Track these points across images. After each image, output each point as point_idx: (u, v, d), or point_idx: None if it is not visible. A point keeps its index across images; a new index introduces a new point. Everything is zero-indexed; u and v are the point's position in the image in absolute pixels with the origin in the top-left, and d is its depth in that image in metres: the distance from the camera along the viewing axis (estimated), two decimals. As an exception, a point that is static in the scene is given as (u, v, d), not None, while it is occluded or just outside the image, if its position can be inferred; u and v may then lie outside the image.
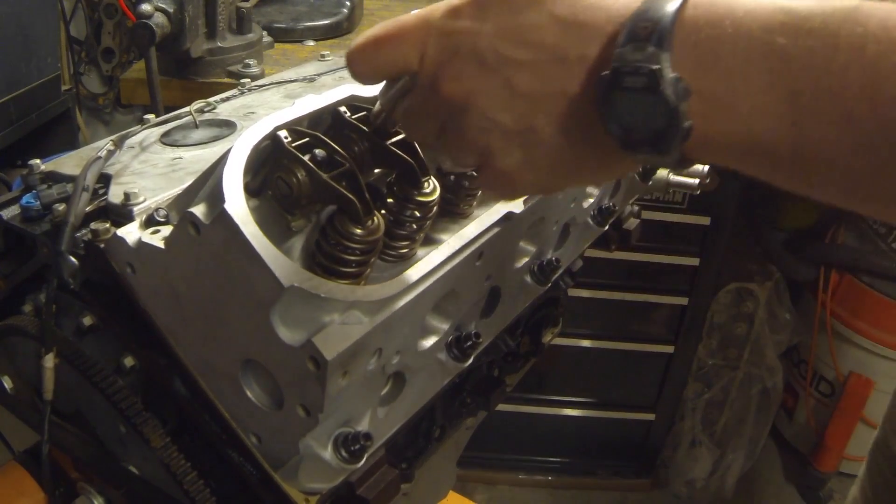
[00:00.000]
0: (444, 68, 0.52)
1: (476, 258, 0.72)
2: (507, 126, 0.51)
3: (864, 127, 0.40)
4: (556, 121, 0.49)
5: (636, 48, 0.44)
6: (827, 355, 2.65)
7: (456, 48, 0.51)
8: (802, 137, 0.42)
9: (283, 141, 0.58)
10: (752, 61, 0.43)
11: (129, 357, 0.71)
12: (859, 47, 0.40)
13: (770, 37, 0.42)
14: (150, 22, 1.37)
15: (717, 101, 0.44)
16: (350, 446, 0.61)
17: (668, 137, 0.45)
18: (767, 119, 0.43)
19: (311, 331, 0.54)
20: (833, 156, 0.42)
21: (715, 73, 0.44)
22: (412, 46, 0.53)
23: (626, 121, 0.46)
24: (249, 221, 0.53)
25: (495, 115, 0.51)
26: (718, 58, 0.44)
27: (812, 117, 0.42)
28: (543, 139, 0.50)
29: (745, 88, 0.43)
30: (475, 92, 0.51)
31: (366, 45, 0.55)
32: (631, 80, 0.44)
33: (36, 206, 0.75)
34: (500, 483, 2.72)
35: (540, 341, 1.07)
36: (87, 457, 0.79)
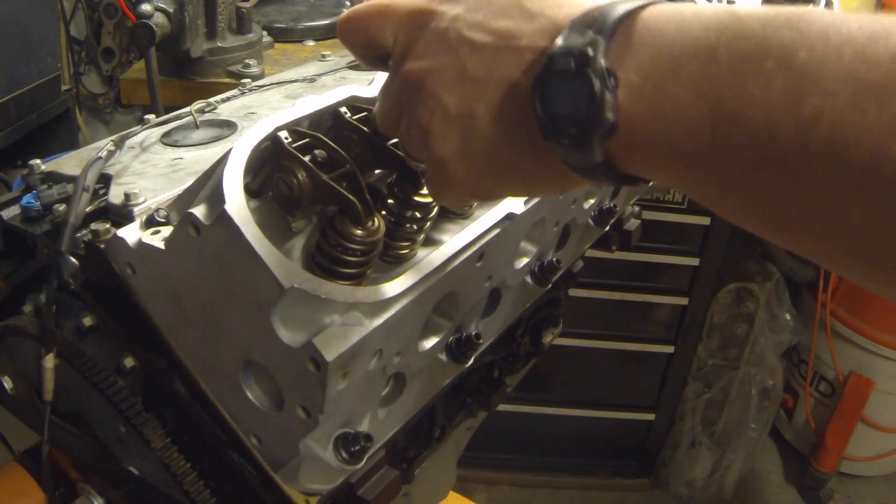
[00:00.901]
0: (411, 47, 0.52)
1: (477, 259, 0.72)
2: (449, 109, 0.50)
3: (783, 141, 0.37)
4: (494, 108, 0.48)
5: (576, 32, 0.44)
6: (827, 355, 2.65)
7: (424, 27, 0.52)
8: (721, 147, 0.39)
9: (283, 142, 0.58)
10: (684, 61, 0.41)
11: (130, 357, 0.71)
12: (790, 52, 0.37)
13: (707, 36, 0.40)
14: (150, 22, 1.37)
15: (643, 97, 0.42)
16: (350, 447, 0.61)
17: (587, 127, 0.43)
18: (689, 124, 0.40)
19: (312, 332, 0.54)
20: (750, 175, 0.39)
21: (648, 69, 0.42)
22: (391, 22, 0.54)
23: (551, 105, 0.44)
24: (250, 222, 0.53)
25: (441, 95, 0.50)
26: (655, 54, 0.42)
27: (731, 125, 0.38)
28: (480, 127, 0.49)
29: (672, 88, 0.41)
30: (430, 71, 0.51)
31: (351, 17, 0.57)
32: (562, 62, 0.43)
33: (36, 207, 0.75)
34: (501, 483, 2.72)
35: (540, 342, 1.06)
36: (87, 457, 0.79)
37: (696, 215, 2.22)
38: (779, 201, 0.38)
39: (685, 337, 2.48)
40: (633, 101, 0.42)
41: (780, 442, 2.95)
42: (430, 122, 0.51)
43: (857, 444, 2.67)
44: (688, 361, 2.56)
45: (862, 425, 2.64)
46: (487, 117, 0.49)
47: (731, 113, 0.38)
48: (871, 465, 2.80)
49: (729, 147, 0.39)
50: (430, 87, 0.50)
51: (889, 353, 2.53)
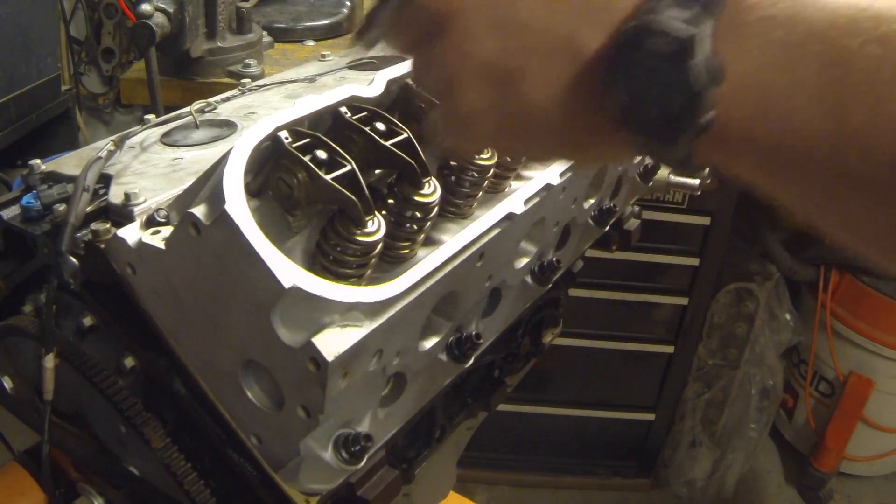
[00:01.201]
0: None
1: (477, 259, 0.72)
2: (489, 57, 0.40)
3: None
4: (551, 69, 0.39)
5: (678, 3, 0.35)
6: (827, 355, 2.65)
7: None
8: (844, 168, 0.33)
9: (283, 141, 0.58)
10: (804, 57, 0.34)
11: (130, 357, 0.71)
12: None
13: (834, 33, 0.33)
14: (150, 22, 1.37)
15: (749, 96, 0.35)
16: (350, 447, 0.61)
17: (679, 127, 0.36)
18: (805, 134, 0.34)
19: (312, 332, 0.54)
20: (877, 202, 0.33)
21: (758, 60, 0.35)
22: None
23: (637, 92, 0.36)
24: (250, 222, 0.53)
25: (479, 36, 0.40)
26: (767, 43, 0.35)
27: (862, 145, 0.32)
28: (526, 89, 0.40)
29: (789, 90, 0.34)
30: (463, 6, 0.40)
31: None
32: (659, 41, 0.35)
33: (36, 207, 0.75)
34: (501, 483, 2.72)
35: (540, 342, 1.07)
36: (87, 457, 0.79)
37: (696, 215, 2.22)
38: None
39: (685, 337, 2.48)
40: (737, 97, 0.35)
41: (780, 442, 2.95)
42: (460, 67, 0.41)
43: (857, 444, 2.67)
44: (688, 361, 2.56)
45: (862, 425, 2.64)
46: (540, 79, 0.39)
47: (860, 131, 0.32)
48: (871, 465, 2.80)
49: (852, 169, 0.33)
50: (465, 23, 0.40)
51: (889, 353, 2.53)
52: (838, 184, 0.34)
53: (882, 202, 0.33)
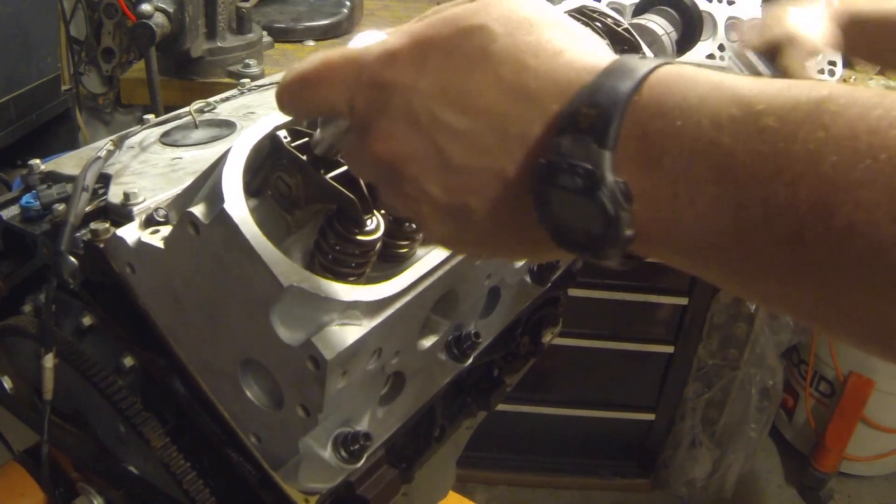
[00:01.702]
0: (374, 124, 0.46)
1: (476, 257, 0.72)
2: (438, 200, 0.45)
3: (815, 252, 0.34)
4: (488, 202, 0.43)
5: (575, 141, 0.38)
6: (827, 355, 2.65)
7: (387, 103, 0.45)
8: (749, 255, 0.36)
9: (282, 141, 0.58)
10: (697, 164, 0.37)
11: (129, 357, 0.71)
12: (817, 158, 0.33)
13: (718, 135, 0.36)
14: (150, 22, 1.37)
15: (659, 205, 0.38)
16: (350, 446, 0.61)
17: (605, 244, 0.39)
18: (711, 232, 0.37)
19: (311, 330, 0.54)
20: (784, 279, 0.36)
21: (658, 173, 0.38)
22: (340, 92, 0.47)
23: (560, 220, 0.40)
24: (249, 221, 0.53)
25: (426, 184, 0.45)
26: (662, 155, 0.37)
27: (756, 232, 0.35)
28: (475, 219, 0.44)
29: (688, 194, 0.37)
30: (406, 157, 0.45)
31: (292, 84, 0.50)
32: (566, 178, 0.38)
33: (36, 207, 0.75)
34: (501, 483, 2.72)
35: (540, 341, 1.06)
36: (86, 457, 0.79)
37: (695, 215, 2.22)
38: (814, 304, 0.36)
39: (685, 337, 2.48)
40: (649, 211, 0.38)
41: (780, 442, 2.95)
42: (419, 208, 0.46)
43: (857, 444, 2.67)
44: (688, 361, 2.56)
45: (862, 425, 2.64)
46: (482, 211, 0.44)
47: (754, 221, 0.35)
48: (871, 465, 2.80)
49: (757, 255, 0.36)
50: (409, 173, 0.45)
51: (889, 353, 2.53)
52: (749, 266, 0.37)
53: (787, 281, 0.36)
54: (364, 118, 0.47)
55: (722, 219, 0.36)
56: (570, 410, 2.60)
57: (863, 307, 0.34)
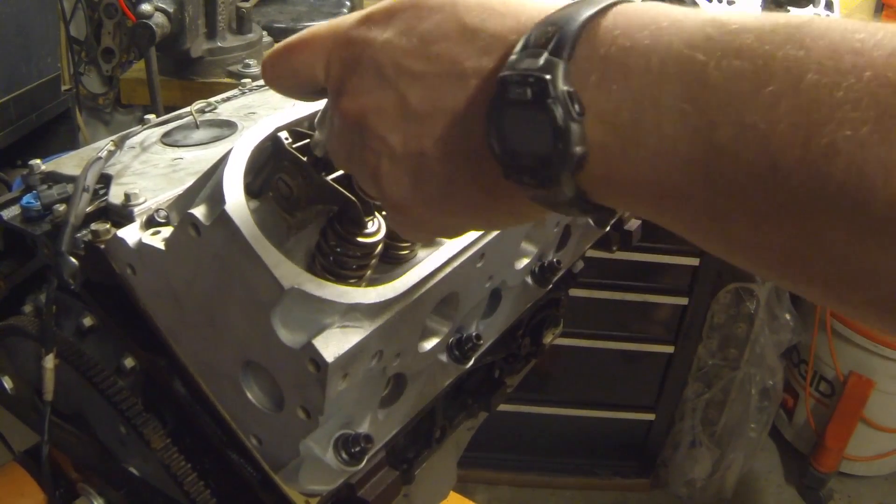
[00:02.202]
0: (345, 82, 0.46)
1: (477, 259, 0.72)
2: (396, 149, 0.44)
3: (791, 179, 0.31)
4: (444, 144, 0.42)
5: (530, 55, 0.37)
6: (827, 355, 2.65)
7: (357, 60, 0.45)
8: (717, 187, 0.33)
9: (283, 142, 0.58)
10: (665, 82, 0.34)
11: (130, 358, 0.71)
12: (797, 75, 0.31)
13: (691, 52, 0.34)
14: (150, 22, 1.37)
15: (619, 127, 0.35)
16: (350, 448, 0.61)
17: (553, 165, 0.37)
18: (677, 157, 0.34)
19: (312, 333, 0.54)
20: (752, 217, 0.33)
21: (620, 93, 0.35)
22: (319, 56, 0.48)
23: (509, 142, 0.38)
24: (250, 223, 0.53)
25: (385, 134, 0.44)
26: (627, 74, 0.35)
27: (728, 161, 0.32)
28: (431, 166, 0.43)
29: (654, 116, 0.34)
30: (369, 109, 0.44)
31: (277, 53, 0.51)
32: (517, 90, 0.37)
33: (36, 207, 0.75)
34: (501, 483, 2.72)
35: (541, 342, 1.06)
36: (87, 457, 0.79)
37: (696, 215, 2.22)
38: (787, 247, 0.33)
39: (685, 337, 2.48)
40: (606, 130, 0.36)
41: (780, 442, 2.95)
42: (379, 163, 0.45)
43: (857, 444, 2.67)
44: (688, 361, 2.56)
45: (862, 425, 2.64)
46: (438, 155, 0.42)
47: (727, 146, 0.32)
48: (871, 465, 2.80)
49: (726, 186, 0.33)
50: (373, 126, 0.44)
51: (889, 353, 2.53)
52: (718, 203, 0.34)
53: (760, 218, 0.33)
54: (338, 80, 0.47)
55: (690, 144, 0.33)
56: (570, 410, 2.60)
57: (840, 247, 0.31)
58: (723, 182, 0.33)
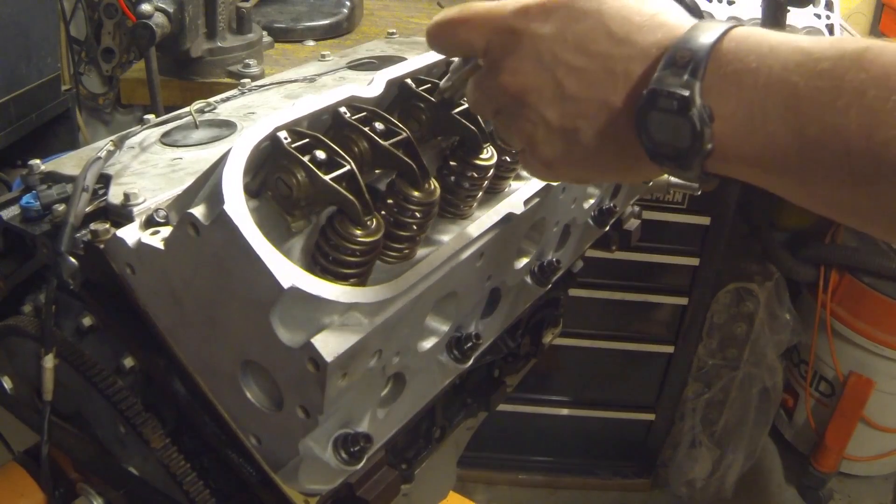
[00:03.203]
0: (505, 60, 0.58)
1: (476, 259, 0.72)
2: (553, 122, 0.56)
3: (861, 161, 0.45)
4: (596, 125, 0.55)
5: (674, 73, 0.50)
6: (827, 355, 2.65)
7: (518, 45, 0.57)
8: (808, 164, 0.47)
9: (282, 142, 0.58)
10: (770, 95, 0.48)
11: (129, 358, 0.71)
12: (861, 91, 0.44)
13: (787, 74, 0.47)
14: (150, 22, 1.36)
15: (736, 125, 0.49)
16: (350, 447, 0.61)
17: (690, 155, 0.50)
18: (778, 146, 0.48)
19: (311, 332, 0.54)
20: (834, 183, 0.47)
21: (737, 101, 0.49)
22: (480, 35, 0.60)
23: (656, 137, 0.51)
24: (249, 222, 0.53)
25: (544, 110, 0.56)
26: (741, 88, 0.49)
27: (816, 148, 0.46)
28: (583, 139, 0.56)
29: (762, 118, 0.48)
30: (529, 87, 0.57)
31: (442, 24, 0.62)
32: (665, 101, 0.50)
33: (36, 207, 0.75)
34: (501, 483, 2.72)
35: (540, 342, 1.06)
36: (86, 457, 0.79)
37: (696, 215, 2.22)
38: (859, 205, 0.47)
39: (685, 337, 2.48)
40: (727, 130, 0.49)
41: (780, 442, 2.95)
42: (535, 131, 0.58)
43: (857, 444, 2.67)
44: (688, 361, 2.56)
45: (862, 425, 2.63)
46: (590, 132, 0.55)
47: (814, 139, 0.46)
48: (871, 465, 2.80)
49: (814, 165, 0.47)
50: (532, 102, 0.57)
51: (889, 353, 2.53)
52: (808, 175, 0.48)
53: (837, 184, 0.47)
54: (497, 56, 0.59)
55: (787, 138, 0.47)
56: (570, 410, 2.60)
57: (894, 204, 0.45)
58: (811, 162, 0.47)
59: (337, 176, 0.58)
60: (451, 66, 0.69)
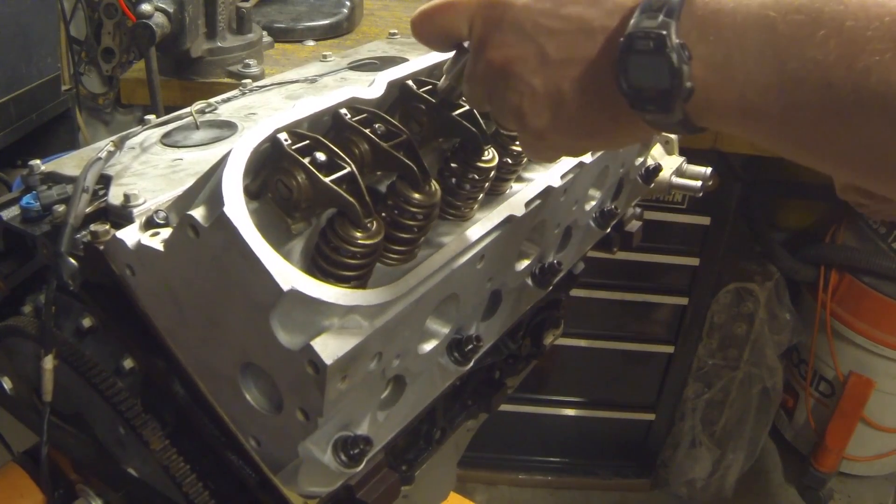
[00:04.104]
0: (489, 37, 0.59)
1: (477, 261, 0.72)
2: (538, 89, 0.57)
3: (841, 92, 0.45)
4: (579, 84, 0.56)
5: (649, 17, 0.51)
6: (827, 355, 2.65)
7: (500, 19, 0.58)
8: (789, 102, 0.47)
9: (282, 143, 0.58)
10: (747, 33, 0.48)
11: (129, 359, 0.71)
12: (839, 22, 0.45)
13: (763, 11, 0.47)
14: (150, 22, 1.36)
15: (715, 67, 0.49)
16: (349, 450, 0.61)
17: (671, 96, 0.50)
18: (758, 85, 0.48)
19: (311, 335, 0.54)
20: (815, 121, 0.47)
21: (714, 42, 0.49)
22: (462, 17, 0.62)
23: (635, 80, 0.52)
24: (249, 224, 0.53)
25: (529, 79, 0.57)
26: (719, 28, 0.49)
27: (797, 84, 0.46)
28: (568, 100, 0.57)
29: (741, 57, 0.48)
30: (513, 58, 0.58)
31: (424, 13, 0.64)
32: (642, 43, 0.51)
33: (36, 207, 0.75)
34: (501, 483, 2.72)
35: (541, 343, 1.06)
36: (86, 458, 0.79)
37: (696, 215, 2.22)
38: (840, 143, 0.47)
39: (685, 337, 2.48)
40: (706, 70, 0.49)
41: (780, 442, 2.95)
42: (522, 102, 0.59)
43: (857, 444, 2.67)
44: (688, 361, 2.56)
45: (862, 425, 2.64)
46: (574, 93, 0.56)
47: (794, 74, 0.46)
48: (871, 465, 2.80)
49: (795, 102, 0.47)
50: (517, 72, 0.58)
51: (889, 353, 2.53)
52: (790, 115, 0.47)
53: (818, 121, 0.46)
54: (481, 34, 0.60)
55: (767, 75, 0.47)
56: (570, 410, 2.60)
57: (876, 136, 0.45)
58: (792, 99, 0.47)
59: (337, 178, 0.58)
60: (445, 66, 0.69)
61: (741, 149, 1.90)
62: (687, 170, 1.20)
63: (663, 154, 1.18)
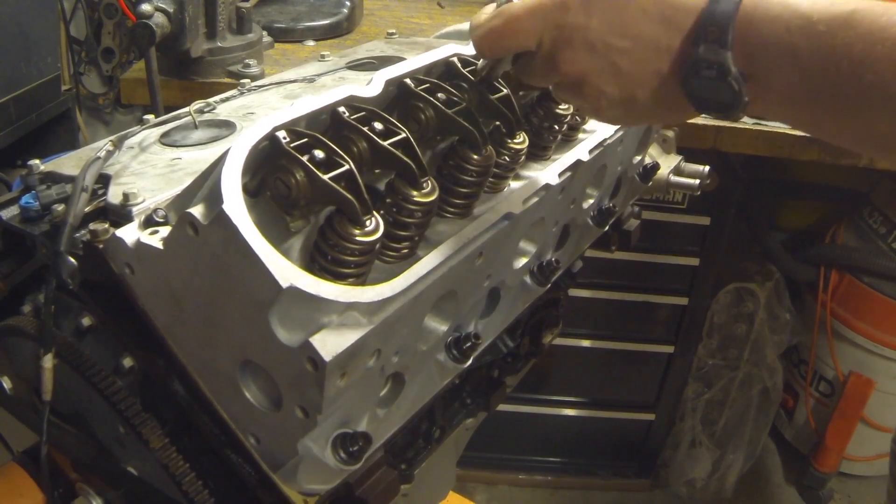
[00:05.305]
0: (560, 53, 0.69)
1: (476, 258, 0.72)
2: (614, 95, 0.68)
3: (855, 101, 0.58)
4: (650, 91, 0.67)
5: (708, 49, 0.62)
6: (827, 355, 2.65)
7: (570, 39, 0.67)
8: (816, 107, 0.61)
9: (281, 141, 0.58)
10: (781, 56, 0.61)
11: (128, 358, 0.71)
12: (850, 46, 0.57)
13: (790, 38, 0.60)
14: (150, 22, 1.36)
15: (761, 83, 0.62)
16: (349, 447, 0.61)
17: (733, 109, 0.64)
18: (795, 95, 0.61)
19: (310, 332, 0.54)
20: (835, 113, 0.61)
21: (759, 63, 0.62)
22: (529, 36, 0.70)
23: (702, 97, 0.65)
24: (247, 222, 0.53)
25: (605, 87, 0.68)
26: (764, 50, 0.61)
27: (818, 91, 0.60)
28: (640, 103, 0.68)
29: (778, 75, 0.61)
30: (588, 72, 0.68)
31: (494, 33, 0.71)
32: (706, 72, 0.63)
33: (35, 207, 0.75)
34: (501, 483, 2.72)
35: (540, 342, 1.06)
36: (85, 457, 0.79)
37: (696, 215, 2.22)
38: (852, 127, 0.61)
39: (685, 337, 2.48)
40: (756, 86, 0.63)
41: (780, 442, 2.95)
42: (599, 102, 0.70)
43: (857, 444, 2.67)
44: (688, 361, 2.56)
45: (862, 425, 2.63)
46: (646, 99, 0.68)
47: (815, 82, 0.59)
48: (871, 465, 2.80)
49: (816, 97, 0.60)
50: (594, 83, 0.68)
51: (889, 353, 2.53)
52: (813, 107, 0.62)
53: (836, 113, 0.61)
54: (551, 51, 0.69)
55: (795, 83, 0.61)
56: (570, 410, 2.60)
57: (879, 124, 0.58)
58: (814, 97, 0.60)
59: (336, 175, 0.58)
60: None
61: (741, 148, 1.90)
62: (685, 168, 1.20)
63: (661, 153, 1.18)
